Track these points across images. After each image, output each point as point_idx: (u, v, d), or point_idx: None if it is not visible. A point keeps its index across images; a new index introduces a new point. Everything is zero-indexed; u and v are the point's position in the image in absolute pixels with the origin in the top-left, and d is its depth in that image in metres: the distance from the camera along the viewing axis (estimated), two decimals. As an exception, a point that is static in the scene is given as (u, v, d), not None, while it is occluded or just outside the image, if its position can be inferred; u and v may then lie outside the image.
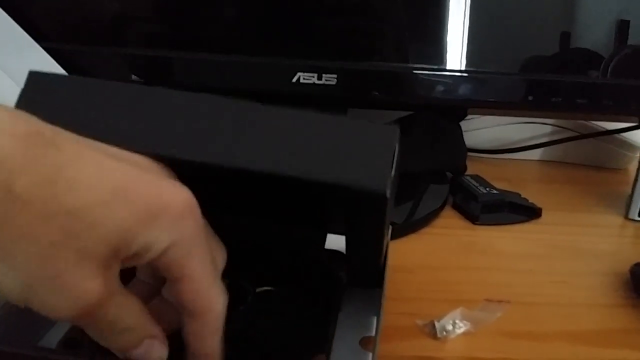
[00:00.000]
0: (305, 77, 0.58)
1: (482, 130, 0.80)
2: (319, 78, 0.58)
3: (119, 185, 0.25)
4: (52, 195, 0.23)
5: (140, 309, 0.28)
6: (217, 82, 0.60)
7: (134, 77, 0.61)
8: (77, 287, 0.24)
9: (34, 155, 0.23)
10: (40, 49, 0.50)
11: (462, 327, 0.44)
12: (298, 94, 0.60)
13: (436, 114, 0.71)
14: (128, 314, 0.28)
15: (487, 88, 0.60)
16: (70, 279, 0.24)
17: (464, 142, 0.73)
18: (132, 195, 0.25)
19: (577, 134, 0.79)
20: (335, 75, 0.57)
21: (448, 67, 0.59)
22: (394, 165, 0.29)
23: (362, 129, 0.29)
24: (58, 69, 0.49)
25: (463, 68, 0.59)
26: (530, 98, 0.59)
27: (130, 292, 0.28)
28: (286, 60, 0.58)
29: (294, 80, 0.58)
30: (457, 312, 0.45)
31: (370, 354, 0.37)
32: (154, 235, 0.26)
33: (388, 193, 0.28)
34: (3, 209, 0.23)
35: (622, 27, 0.59)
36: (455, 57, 0.59)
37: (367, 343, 0.39)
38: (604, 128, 0.78)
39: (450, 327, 0.43)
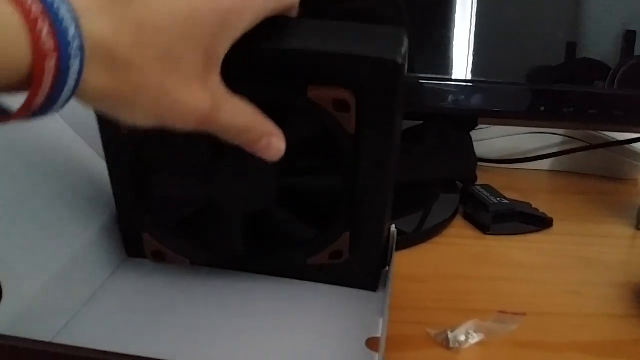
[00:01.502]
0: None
1: (492, 140, 0.80)
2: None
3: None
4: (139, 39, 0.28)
5: (252, 112, 0.34)
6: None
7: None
8: (191, 105, 0.30)
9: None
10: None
11: (475, 338, 0.44)
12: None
13: (446, 124, 0.72)
14: (241, 117, 0.34)
15: (497, 98, 0.61)
16: (185, 100, 0.30)
17: (474, 152, 0.73)
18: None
19: (587, 144, 0.79)
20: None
21: (455, 77, 0.60)
22: (405, 51, 0.37)
23: (374, 27, 0.38)
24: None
25: (471, 78, 0.60)
26: (542, 109, 0.59)
27: (240, 98, 0.33)
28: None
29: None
30: (471, 324, 0.45)
31: (377, 355, 0.37)
32: (234, 27, 0.32)
33: (400, 61, 0.36)
34: (118, 75, 0.28)
35: (629, 38, 0.59)
36: (463, 67, 0.60)
37: (373, 344, 0.39)
38: (614, 138, 0.77)
39: (463, 338, 0.43)
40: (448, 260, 0.57)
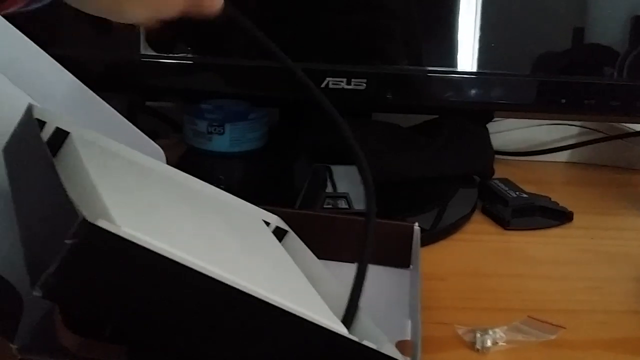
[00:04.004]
0: (334, 82, 0.57)
1: (508, 132, 0.80)
2: (348, 83, 0.57)
3: None
4: None
5: None
6: (245, 87, 0.60)
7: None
8: None
9: None
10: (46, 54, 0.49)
11: (504, 344, 0.43)
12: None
13: (462, 117, 0.71)
14: None
15: (516, 91, 0.60)
16: None
17: (491, 145, 0.72)
18: None
19: (606, 135, 0.78)
20: (364, 80, 0.57)
21: (470, 70, 0.59)
22: None
23: None
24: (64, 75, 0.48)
25: (492, 71, 0.59)
26: (562, 101, 0.58)
27: None
28: (315, 65, 0.57)
29: (323, 85, 0.57)
30: (502, 330, 0.44)
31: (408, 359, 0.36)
32: None
33: None
34: None
35: (637, 24, 0.58)
36: (478, 59, 0.59)
37: (403, 347, 0.38)
38: (632, 129, 0.77)
39: (489, 344, 0.43)
40: (469, 257, 0.57)
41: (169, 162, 0.47)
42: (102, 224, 0.24)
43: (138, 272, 0.26)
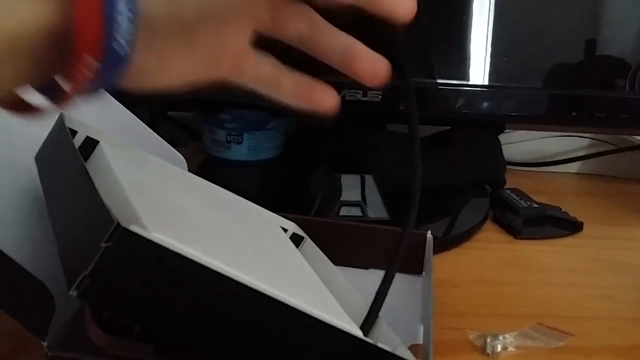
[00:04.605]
0: (350, 94, 0.59)
1: (520, 143, 0.81)
2: (364, 95, 0.59)
3: None
4: None
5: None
6: (263, 98, 0.61)
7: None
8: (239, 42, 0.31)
9: None
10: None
11: (513, 350, 0.44)
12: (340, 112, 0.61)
13: (474, 128, 0.72)
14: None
15: (527, 104, 0.61)
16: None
17: (503, 156, 0.73)
18: None
19: (616, 146, 0.79)
20: (380, 92, 0.58)
21: (483, 83, 0.60)
22: None
23: None
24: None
25: (504, 84, 0.60)
26: (573, 114, 0.59)
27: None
28: (332, 78, 0.59)
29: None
30: (512, 335, 0.45)
31: None
32: None
33: None
34: None
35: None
36: (490, 72, 0.60)
37: (416, 351, 0.39)
38: (642, 141, 0.77)
39: (499, 349, 0.44)
40: (481, 265, 0.58)
41: (189, 170, 0.49)
42: (135, 229, 0.26)
43: (167, 275, 0.28)
